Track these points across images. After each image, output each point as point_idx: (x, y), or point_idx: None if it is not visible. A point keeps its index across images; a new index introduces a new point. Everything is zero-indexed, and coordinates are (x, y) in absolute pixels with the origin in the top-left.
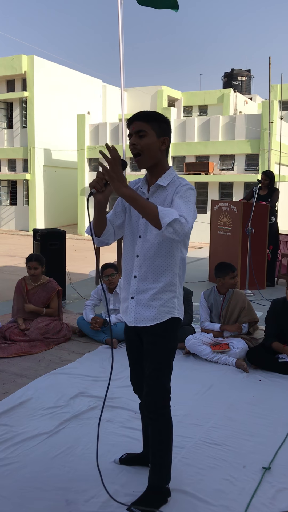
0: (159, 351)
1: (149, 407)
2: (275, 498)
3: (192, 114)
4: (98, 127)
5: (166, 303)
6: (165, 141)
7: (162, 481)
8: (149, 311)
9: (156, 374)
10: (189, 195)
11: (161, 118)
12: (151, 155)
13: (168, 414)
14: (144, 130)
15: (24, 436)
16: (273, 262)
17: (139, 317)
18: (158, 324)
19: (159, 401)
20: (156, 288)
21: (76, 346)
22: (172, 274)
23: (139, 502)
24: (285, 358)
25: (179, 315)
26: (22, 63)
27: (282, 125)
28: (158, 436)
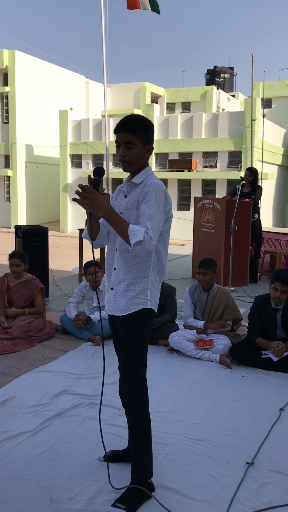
0: (132, 340)
1: (125, 397)
2: (258, 493)
3: (175, 111)
4: (80, 123)
5: (138, 294)
6: (150, 149)
7: (144, 475)
8: (123, 301)
9: (130, 363)
10: (153, 198)
11: (147, 127)
12: (137, 163)
13: (145, 404)
14: (132, 142)
15: (7, 434)
16: (256, 259)
17: (116, 306)
18: (130, 314)
19: (134, 390)
20: (128, 280)
21: (59, 344)
22: (145, 267)
23: (123, 498)
24: (268, 354)
25: (152, 307)
26: (3, 57)
27: (264, 123)
28: (137, 426)
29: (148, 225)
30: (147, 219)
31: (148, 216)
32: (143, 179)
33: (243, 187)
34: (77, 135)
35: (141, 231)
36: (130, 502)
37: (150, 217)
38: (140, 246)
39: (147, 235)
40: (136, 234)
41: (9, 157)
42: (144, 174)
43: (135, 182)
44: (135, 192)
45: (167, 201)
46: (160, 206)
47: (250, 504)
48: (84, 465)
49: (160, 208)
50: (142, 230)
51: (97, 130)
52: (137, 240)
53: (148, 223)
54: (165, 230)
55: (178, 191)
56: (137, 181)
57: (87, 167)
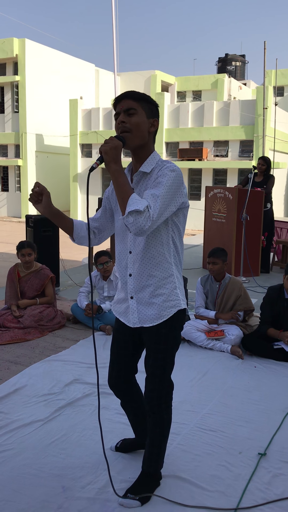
0: (163, 350)
1: (152, 402)
2: (270, 484)
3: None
4: (90, 112)
5: (169, 296)
6: (154, 123)
7: (158, 468)
8: (152, 309)
9: (159, 372)
10: (165, 180)
11: (151, 100)
12: (140, 135)
13: (171, 407)
14: (134, 108)
15: (19, 423)
16: (268, 249)
17: (143, 317)
18: (162, 323)
19: (164, 396)
20: (153, 285)
21: (70, 333)
22: (168, 264)
23: (135, 488)
24: (280, 345)
25: (185, 306)
26: (14, 46)
27: (276, 111)
28: (159, 429)
29: (151, 203)
30: (151, 197)
31: (153, 195)
32: (153, 166)
33: (255, 176)
34: (87, 124)
35: (144, 203)
36: (142, 491)
37: (155, 197)
38: (135, 217)
39: (148, 211)
40: (136, 202)
41: (19, 146)
42: (153, 160)
43: (144, 171)
44: (146, 183)
45: (181, 191)
46: (172, 191)
47: (262, 495)
48: (95, 454)
49: (171, 192)
50: (145, 203)
51: (107, 119)
52: (135, 208)
53: (151, 201)
54: (181, 221)
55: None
56: (147, 170)
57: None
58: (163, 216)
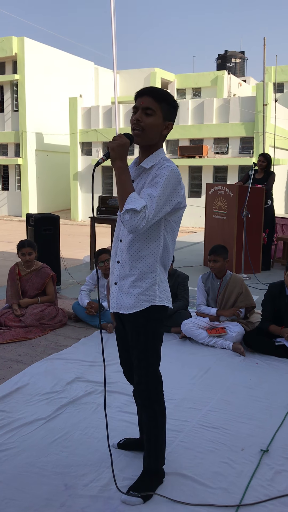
0: (144, 340)
1: (141, 396)
2: (273, 480)
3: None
4: (90, 110)
5: (146, 291)
6: (169, 126)
7: (158, 464)
8: (129, 299)
9: (143, 364)
10: (161, 180)
11: (172, 101)
12: (151, 136)
13: (162, 399)
14: (152, 108)
15: (21, 421)
16: (269, 246)
17: (120, 303)
18: (138, 312)
19: (152, 389)
20: (134, 275)
21: (72, 331)
22: (152, 260)
23: (137, 486)
24: (281, 341)
25: (162, 303)
26: (13, 45)
27: (276, 108)
28: (153, 422)
29: (148, 203)
30: (148, 197)
31: (149, 196)
32: (154, 163)
33: (256, 173)
34: (87, 123)
35: (141, 203)
36: (144, 489)
37: (152, 197)
38: (131, 215)
39: (144, 211)
40: (135, 201)
41: (19, 145)
42: (155, 157)
43: (144, 166)
44: (144, 179)
45: (178, 191)
46: (167, 191)
47: (265, 491)
48: (98, 452)
49: (167, 193)
50: (143, 203)
51: (107, 117)
52: (132, 207)
53: (148, 202)
54: (175, 220)
55: (189, 178)
56: (147, 166)
57: (97, 155)
58: (158, 216)
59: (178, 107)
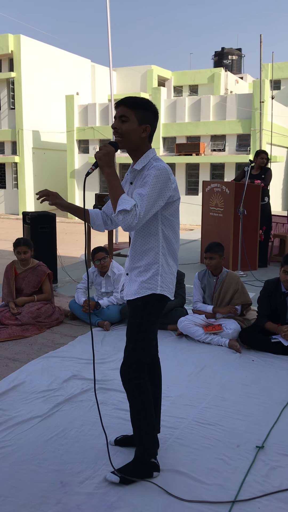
0: (136, 323)
1: (123, 377)
2: (268, 476)
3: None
4: (87, 108)
5: (149, 279)
6: (146, 129)
7: (144, 453)
8: (134, 286)
9: (131, 346)
10: (150, 180)
11: (147, 106)
12: (129, 140)
13: (143, 385)
14: (126, 115)
15: (18, 419)
16: (266, 243)
17: (128, 291)
18: (139, 298)
19: (132, 372)
20: (141, 267)
21: (69, 329)
22: (154, 253)
23: (124, 470)
24: (277, 338)
25: (163, 292)
26: (9, 42)
27: (273, 105)
28: (134, 407)
29: (138, 202)
30: (138, 197)
31: (139, 195)
32: (145, 164)
33: (252, 169)
34: (84, 120)
35: (131, 203)
36: (127, 474)
37: (141, 196)
38: (124, 215)
39: (135, 209)
40: (125, 202)
41: (16, 143)
42: (146, 158)
43: (136, 168)
44: (139, 179)
45: (168, 186)
46: (157, 189)
47: (260, 487)
48: (94, 449)
49: (156, 190)
50: (132, 202)
51: (104, 115)
52: (123, 208)
53: (138, 200)
54: (171, 213)
55: (186, 175)
56: (138, 167)
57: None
58: (151, 211)
59: (156, 111)
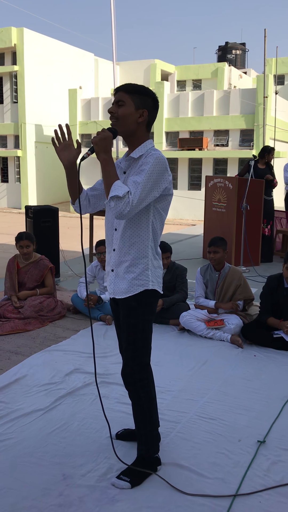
0: (133, 324)
1: (126, 380)
2: (269, 470)
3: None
4: (90, 102)
5: (139, 276)
6: (143, 114)
7: (149, 451)
8: (123, 284)
9: (131, 348)
10: (147, 168)
11: (145, 92)
12: (124, 124)
13: (148, 385)
14: (123, 100)
15: (20, 412)
16: (271, 238)
17: (116, 289)
18: (131, 296)
19: (136, 373)
20: (128, 261)
21: (71, 323)
22: (143, 246)
23: (128, 471)
24: (279, 334)
25: (154, 287)
26: (12, 35)
27: (277, 100)
28: (139, 408)
29: (132, 190)
30: (132, 184)
31: (134, 182)
32: (142, 153)
33: (257, 163)
34: (87, 114)
35: (124, 189)
36: (134, 476)
37: (136, 184)
38: (116, 202)
39: (128, 197)
40: (118, 189)
41: (18, 137)
42: (144, 148)
43: (133, 156)
44: (134, 168)
45: (165, 177)
46: (153, 178)
47: (261, 481)
48: (96, 443)
49: (153, 179)
50: (126, 189)
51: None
52: (116, 194)
53: (132, 188)
54: (162, 207)
55: (189, 170)
56: (135, 156)
57: None
58: (145, 201)
59: (156, 99)
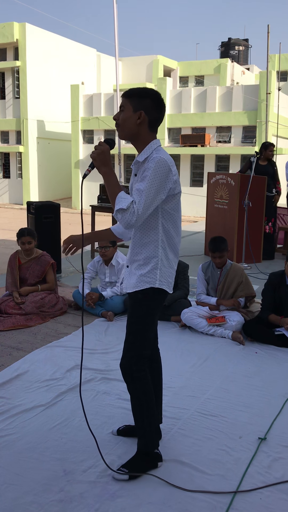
0: (136, 315)
1: (124, 370)
2: (270, 467)
3: (188, 84)
4: (92, 97)
5: (148, 273)
6: (141, 115)
7: (147, 446)
8: (133, 279)
9: (131, 339)
10: (149, 173)
11: (145, 94)
12: (125, 128)
13: (144, 378)
14: (123, 105)
15: (21, 408)
16: (273, 235)
17: (128, 283)
18: (138, 291)
19: (134, 365)
20: (140, 260)
21: (72, 319)
22: (153, 246)
23: (127, 465)
24: (281, 331)
25: (162, 286)
26: (14, 30)
27: (280, 96)
28: (136, 399)
29: (136, 199)
30: (136, 193)
31: (138, 190)
32: (147, 156)
33: (259, 160)
34: (89, 110)
35: (128, 201)
36: (133, 469)
37: (140, 192)
38: (122, 214)
39: (132, 207)
40: (122, 201)
41: (20, 133)
42: (148, 150)
43: (138, 160)
44: (141, 171)
45: (169, 178)
46: (156, 182)
47: (262, 478)
48: (97, 439)
49: (156, 183)
50: (129, 200)
51: (109, 105)
52: (120, 207)
53: (136, 196)
54: (171, 207)
55: (191, 167)
56: (140, 159)
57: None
58: (151, 207)
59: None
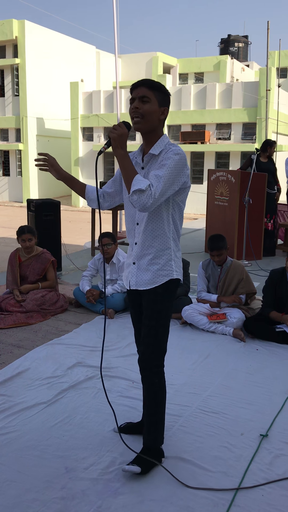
0: (157, 310)
1: (144, 365)
2: (272, 464)
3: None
4: (91, 95)
5: (164, 266)
6: (164, 112)
7: (156, 442)
8: (147, 275)
9: (153, 333)
10: (169, 162)
11: (165, 90)
12: (150, 121)
13: (162, 374)
14: (147, 96)
15: (23, 406)
16: (273, 232)
17: (139, 281)
18: (158, 286)
19: (154, 360)
20: (152, 253)
21: (73, 317)
22: (166, 238)
23: (138, 460)
24: (282, 328)
25: (178, 276)
26: (13, 28)
27: (279, 93)
28: (152, 394)
29: (154, 183)
30: (154, 178)
31: (156, 176)
32: (162, 149)
33: (259, 157)
34: (88, 108)
35: (146, 183)
36: (144, 465)
37: (158, 177)
38: (138, 196)
39: (150, 189)
40: (140, 182)
41: (20, 130)
42: (162, 143)
43: (153, 153)
44: (154, 164)
45: (184, 172)
46: (175, 172)
47: (264, 475)
48: (98, 436)
49: (174, 173)
50: (147, 182)
51: (109, 102)
52: (139, 187)
53: (154, 181)
54: (182, 199)
55: (191, 164)
56: (156, 152)
57: (99, 140)
58: (166, 194)
59: (170, 95)
